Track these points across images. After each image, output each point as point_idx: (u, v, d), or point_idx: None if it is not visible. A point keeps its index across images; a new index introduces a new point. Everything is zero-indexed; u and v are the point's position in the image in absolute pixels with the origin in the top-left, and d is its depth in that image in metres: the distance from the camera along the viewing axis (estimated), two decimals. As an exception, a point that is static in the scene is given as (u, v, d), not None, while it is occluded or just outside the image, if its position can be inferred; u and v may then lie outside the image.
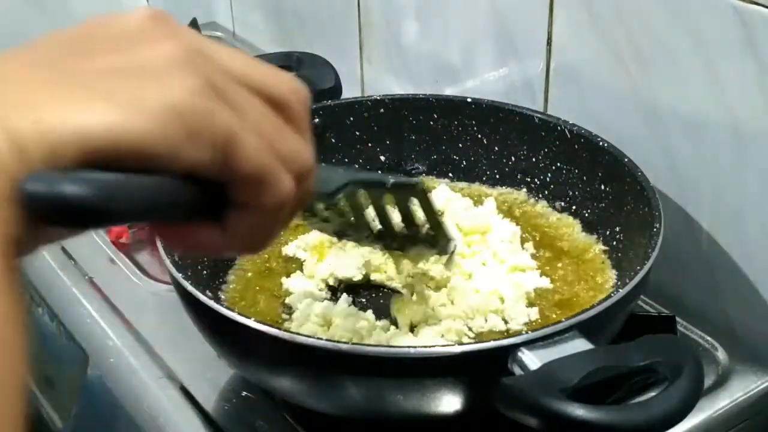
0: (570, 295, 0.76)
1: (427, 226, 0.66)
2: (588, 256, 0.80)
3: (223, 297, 0.77)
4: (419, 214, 0.65)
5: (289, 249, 0.82)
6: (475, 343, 0.60)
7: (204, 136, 0.34)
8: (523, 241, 0.82)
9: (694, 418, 0.70)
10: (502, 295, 0.74)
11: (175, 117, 0.33)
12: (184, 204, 0.36)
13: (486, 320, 0.72)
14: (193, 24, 1.37)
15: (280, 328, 0.61)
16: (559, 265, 0.80)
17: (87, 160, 0.32)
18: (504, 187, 0.89)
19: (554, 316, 0.73)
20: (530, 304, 0.74)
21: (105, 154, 0.32)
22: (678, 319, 0.78)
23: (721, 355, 0.78)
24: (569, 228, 0.84)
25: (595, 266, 0.79)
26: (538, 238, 0.83)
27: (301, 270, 0.80)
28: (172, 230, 0.39)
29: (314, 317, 0.72)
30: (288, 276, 0.79)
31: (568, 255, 0.81)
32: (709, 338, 0.79)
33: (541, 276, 0.77)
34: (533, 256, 0.80)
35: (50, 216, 0.31)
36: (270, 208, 0.38)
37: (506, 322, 0.72)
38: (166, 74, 0.34)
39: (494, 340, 0.57)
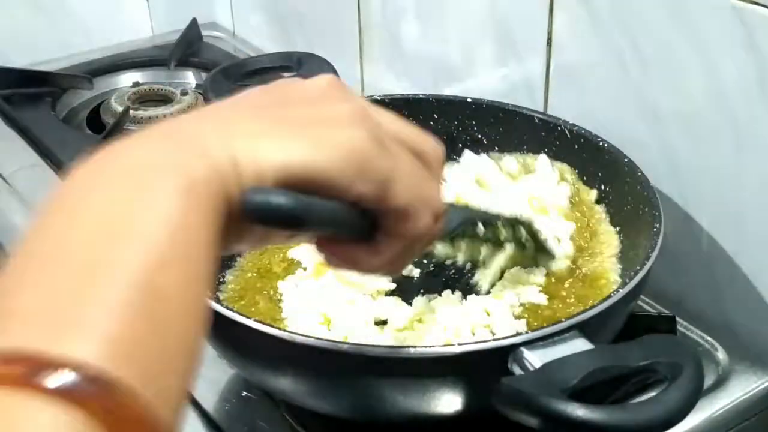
0: (563, 314, 0.72)
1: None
2: (600, 282, 0.76)
3: (222, 297, 0.77)
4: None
5: (294, 252, 0.81)
6: (476, 342, 0.60)
7: (370, 173, 0.44)
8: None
9: (694, 418, 0.70)
10: (488, 309, 0.72)
11: (351, 156, 0.43)
12: (352, 224, 0.46)
13: (473, 334, 0.70)
14: (193, 24, 1.37)
15: (280, 328, 0.61)
16: (566, 284, 0.76)
17: (284, 184, 0.41)
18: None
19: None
20: (518, 317, 0.72)
21: (298, 180, 0.42)
22: (678, 319, 0.78)
23: (721, 355, 0.78)
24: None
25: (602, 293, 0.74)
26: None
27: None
28: (336, 247, 0.49)
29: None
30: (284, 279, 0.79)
31: (580, 277, 0.77)
32: (709, 338, 0.79)
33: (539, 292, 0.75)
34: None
35: (264, 219, 0.40)
36: (412, 238, 0.48)
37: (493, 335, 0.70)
38: (345, 125, 0.44)
39: (494, 340, 0.57)
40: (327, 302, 0.73)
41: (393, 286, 0.76)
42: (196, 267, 0.38)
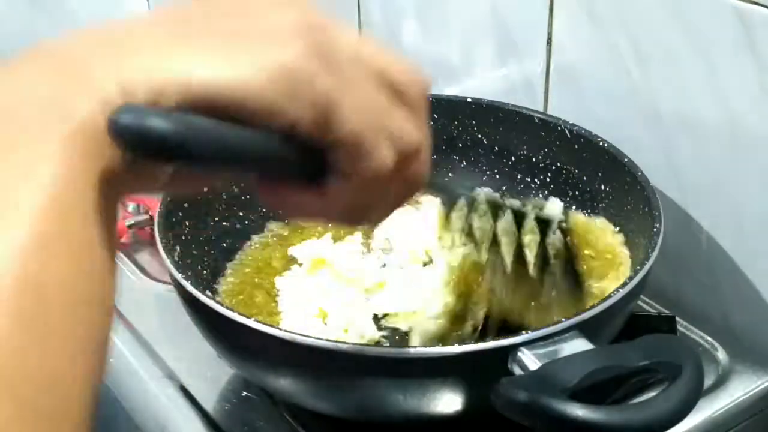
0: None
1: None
2: None
3: (220, 290, 0.77)
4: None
5: (295, 250, 0.82)
6: (476, 342, 0.60)
7: (304, 95, 0.36)
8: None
9: (694, 418, 0.70)
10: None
11: (278, 74, 0.36)
12: (278, 160, 0.38)
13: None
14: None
15: (280, 328, 0.61)
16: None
17: (190, 106, 0.34)
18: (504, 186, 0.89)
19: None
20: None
21: (207, 102, 0.34)
22: (678, 319, 0.78)
23: (721, 355, 0.78)
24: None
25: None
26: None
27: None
28: (275, 190, 0.41)
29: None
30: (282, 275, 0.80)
31: None
32: (709, 338, 0.79)
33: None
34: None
35: (135, 146, 0.33)
36: (367, 178, 0.39)
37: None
38: (282, 38, 0.36)
39: (494, 340, 0.57)
40: (322, 297, 0.74)
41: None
42: (81, 250, 0.32)
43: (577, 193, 0.83)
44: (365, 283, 0.77)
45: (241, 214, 0.83)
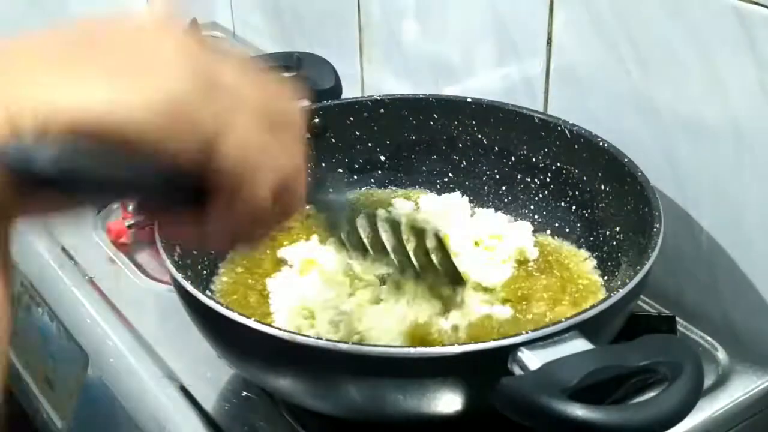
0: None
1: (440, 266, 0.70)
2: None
3: (215, 288, 0.77)
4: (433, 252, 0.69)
5: (283, 252, 0.82)
6: (476, 342, 0.60)
7: (190, 127, 0.37)
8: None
9: (694, 418, 0.71)
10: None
11: (165, 105, 0.36)
12: (157, 189, 0.38)
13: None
14: (193, 24, 1.37)
15: (279, 328, 0.61)
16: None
17: (76, 136, 0.34)
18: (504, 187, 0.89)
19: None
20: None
21: (92, 132, 0.34)
22: (678, 319, 0.78)
23: (721, 355, 0.78)
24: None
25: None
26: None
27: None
28: (156, 214, 0.43)
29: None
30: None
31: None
32: (709, 338, 0.79)
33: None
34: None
35: (19, 179, 0.34)
36: (248, 206, 0.40)
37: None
38: (164, 66, 0.37)
39: (494, 340, 0.57)
40: (312, 297, 0.74)
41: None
42: None
43: (577, 193, 0.83)
44: (355, 284, 0.77)
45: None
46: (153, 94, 0.36)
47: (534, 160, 0.86)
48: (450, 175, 0.91)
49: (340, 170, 0.91)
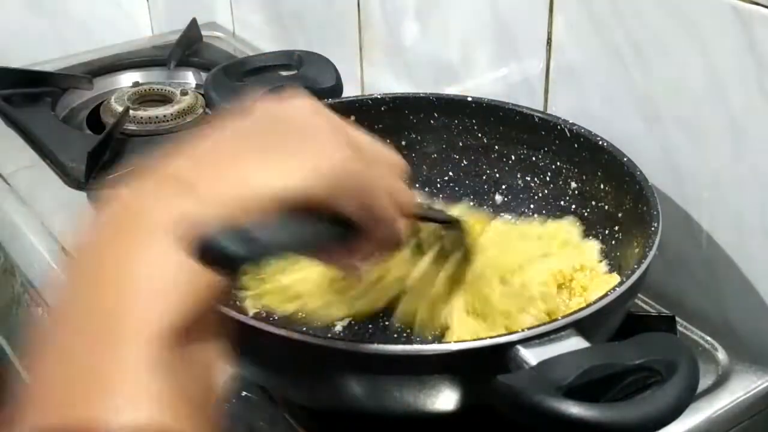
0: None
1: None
2: None
3: None
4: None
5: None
6: (472, 340, 0.60)
7: (357, 188, 0.48)
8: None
9: (695, 418, 0.71)
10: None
11: (341, 175, 0.47)
12: (328, 240, 0.49)
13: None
14: (193, 24, 1.37)
15: (278, 326, 0.61)
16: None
17: (275, 210, 0.44)
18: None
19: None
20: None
21: (294, 205, 0.44)
22: (678, 319, 0.78)
23: (721, 355, 0.78)
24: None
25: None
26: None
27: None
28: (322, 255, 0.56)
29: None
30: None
31: None
32: (709, 338, 0.79)
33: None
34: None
35: (213, 264, 0.40)
36: (387, 241, 0.53)
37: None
38: (328, 148, 0.47)
39: (491, 338, 0.57)
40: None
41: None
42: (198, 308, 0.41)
43: (576, 192, 0.83)
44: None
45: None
46: (326, 167, 0.46)
47: (534, 159, 0.86)
48: (450, 174, 0.91)
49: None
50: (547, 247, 0.79)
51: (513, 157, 0.88)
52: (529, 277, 0.75)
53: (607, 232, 0.80)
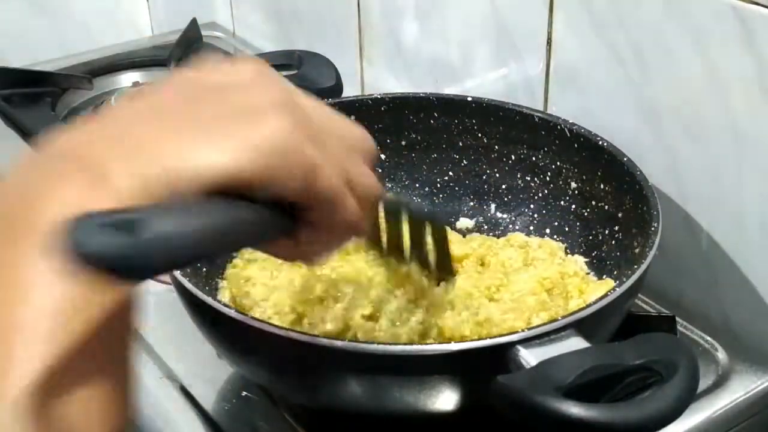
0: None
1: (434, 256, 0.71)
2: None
3: (220, 285, 0.78)
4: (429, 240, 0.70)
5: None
6: (472, 341, 0.60)
7: (295, 165, 0.41)
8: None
9: (694, 418, 0.71)
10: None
11: (275, 151, 0.40)
12: (263, 227, 0.42)
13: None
14: (193, 24, 1.37)
15: (279, 327, 0.61)
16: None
17: (201, 194, 0.38)
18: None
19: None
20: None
21: (215, 188, 0.38)
22: (678, 319, 0.78)
23: (721, 355, 0.77)
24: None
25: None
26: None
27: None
28: (265, 245, 0.48)
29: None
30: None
31: None
32: (709, 338, 0.79)
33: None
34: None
35: (91, 266, 0.33)
36: (337, 227, 0.45)
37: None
38: (268, 117, 0.40)
39: (491, 338, 0.57)
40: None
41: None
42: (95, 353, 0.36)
43: (576, 192, 0.83)
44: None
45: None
46: (260, 141, 0.39)
47: (534, 159, 0.86)
48: (450, 174, 0.91)
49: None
50: (528, 256, 0.79)
51: (513, 157, 0.88)
52: (517, 288, 0.73)
53: (607, 232, 0.80)
